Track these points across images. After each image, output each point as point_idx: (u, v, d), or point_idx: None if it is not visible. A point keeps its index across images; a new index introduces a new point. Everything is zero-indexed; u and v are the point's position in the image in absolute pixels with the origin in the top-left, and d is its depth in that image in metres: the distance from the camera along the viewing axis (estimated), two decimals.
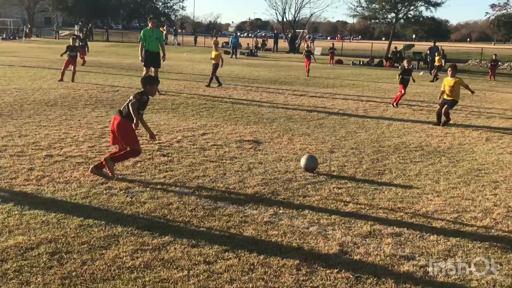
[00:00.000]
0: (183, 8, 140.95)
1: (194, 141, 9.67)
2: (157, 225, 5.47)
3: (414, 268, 4.74)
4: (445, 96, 13.15)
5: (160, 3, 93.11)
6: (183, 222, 5.60)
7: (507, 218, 6.21)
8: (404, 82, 15.98)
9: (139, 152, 7.12)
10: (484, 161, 9.10)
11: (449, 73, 13.28)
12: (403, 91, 15.91)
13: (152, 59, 15.85)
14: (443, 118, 12.87)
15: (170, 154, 8.55)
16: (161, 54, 16.12)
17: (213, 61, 19.40)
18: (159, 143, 9.27)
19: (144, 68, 15.92)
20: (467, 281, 4.53)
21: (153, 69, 15.96)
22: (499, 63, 37.11)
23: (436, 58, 29.54)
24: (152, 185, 6.83)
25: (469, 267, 4.81)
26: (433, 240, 5.43)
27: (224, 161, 8.32)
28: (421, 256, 5.01)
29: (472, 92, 14.11)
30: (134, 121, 6.70)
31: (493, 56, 32.35)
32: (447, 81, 13.18)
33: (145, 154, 8.41)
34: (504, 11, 43.95)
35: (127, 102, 6.91)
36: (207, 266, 4.59)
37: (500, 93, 22.20)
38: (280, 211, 6.10)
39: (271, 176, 7.59)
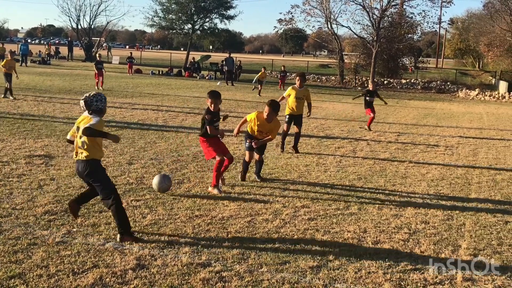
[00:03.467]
0: None
1: None
2: None
3: (211, 274, 4.86)
4: (289, 111, 11.21)
5: None
6: None
7: (294, 218, 6.72)
8: (370, 105, 15.30)
9: (220, 160, 7.64)
10: (275, 166, 9.75)
11: (298, 82, 11.22)
12: (371, 114, 15.24)
13: None
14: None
15: None
16: None
17: (5, 70, 17.70)
18: None
19: None
20: (258, 281, 4.78)
21: None
22: (288, 73, 40.27)
23: (261, 73, 28.82)
24: None
25: (261, 268, 5.09)
26: (228, 245, 5.64)
27: (10, 179, 7.64)
28: (217, 261, 5.16)
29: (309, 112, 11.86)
30: (209, 132, 7.65)
31: (282, 67, 35.02)
32: (296, 93, 11.14)
33: None
34: (290, 26, 47.71)
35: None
36: None
37: None
38: (74, 230, 5.79)
39: (64, 192, 7.17)
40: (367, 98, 15.33)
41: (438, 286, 4.95)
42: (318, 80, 43.88)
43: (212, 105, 7.64)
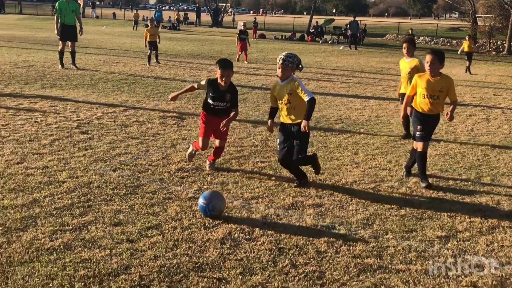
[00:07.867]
0: None
1: (115, 117, 9.43)
2: (77, 205, 5.32)
3: (334, 237, 4.89)
4: (402, 90, 8.92)
5: None
6: (105, 201, 5.48)
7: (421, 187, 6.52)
8: None
9: (201, 147, 6.63)
10: (400, 132, 9.47)
11: (404, 51, 8.87)
12: None
13: (68, 32, 15.26)
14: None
15: (89, 132, 8.29)
16: (78, 28, 15.53)
17: (151, 39, 18.48)
18: (77, 120, 8.96)
19: (60, 42, 15.29)
20: (384, 248, 4.73)
21: (70, 43, 15.38)
22: (415, 37, 38.55)
23: (466, 43, 22.83)
24: (71, 164, 6.62)
25: (386, 234, 5.03)
26: (352, 209, 5.63)
27: (146, 137, 8.18)
28: (341, 225, 5.18)
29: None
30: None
31: (409, 31, 33.63)
32: (403, 66, 8.94)
33: (63, 132, 8.12)
34: None
35: None
36: (130, 244, 4.52)
37: None
38: (205, 187, 6.10)
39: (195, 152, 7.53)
40: None
41: None
42: (448, 44, 41.53)
43: (223, 79, 6.18)
